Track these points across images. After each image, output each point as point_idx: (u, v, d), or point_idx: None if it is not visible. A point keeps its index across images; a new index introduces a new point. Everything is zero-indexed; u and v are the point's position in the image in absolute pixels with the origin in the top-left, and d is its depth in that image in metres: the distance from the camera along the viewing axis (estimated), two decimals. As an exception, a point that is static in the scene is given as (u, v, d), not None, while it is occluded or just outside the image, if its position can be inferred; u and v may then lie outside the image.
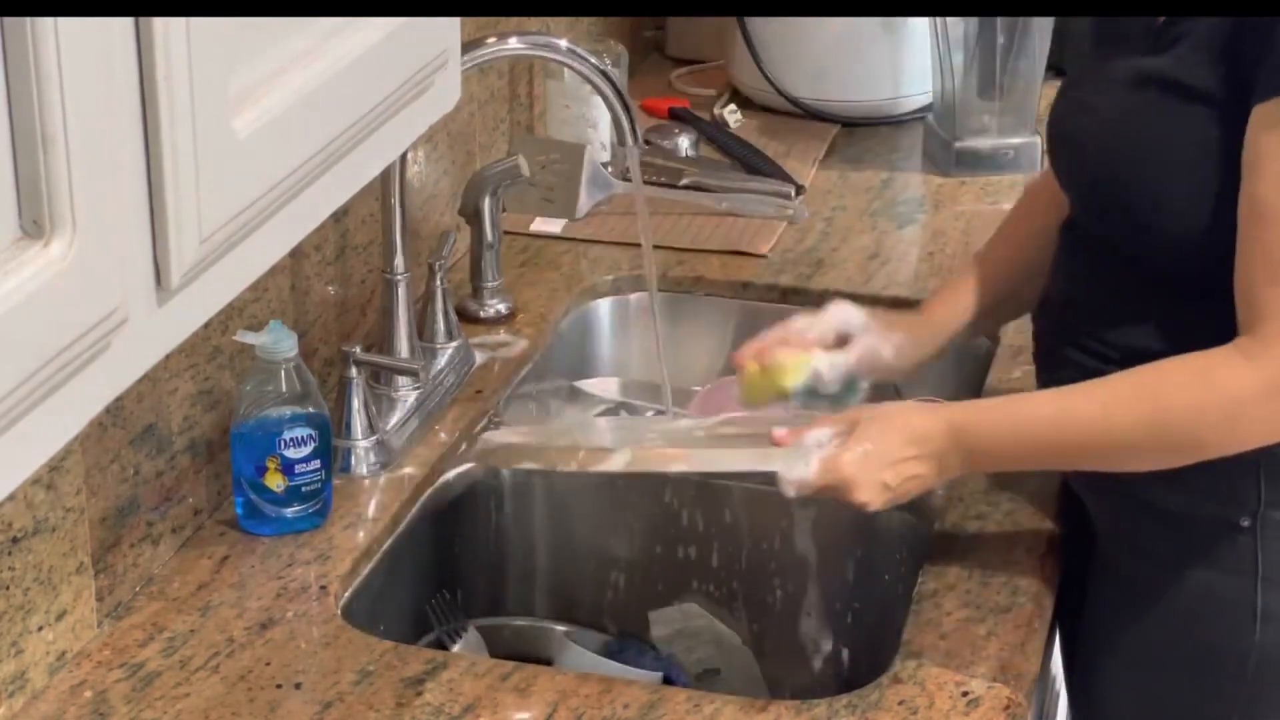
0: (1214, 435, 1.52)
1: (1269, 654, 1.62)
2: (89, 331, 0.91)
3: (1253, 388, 1.49)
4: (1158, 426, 1.53)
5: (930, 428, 1.57)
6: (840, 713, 1.51)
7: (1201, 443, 1.53)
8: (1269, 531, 1.59)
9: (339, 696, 1.52)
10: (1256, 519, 1.59)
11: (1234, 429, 1.52)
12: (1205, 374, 1.51)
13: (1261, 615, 1.61)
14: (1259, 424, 1.51)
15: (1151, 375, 1.54)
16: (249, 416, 1.71)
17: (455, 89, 1.30)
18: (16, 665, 1.48)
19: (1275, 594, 1.60)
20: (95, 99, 0.88)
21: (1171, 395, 1.52)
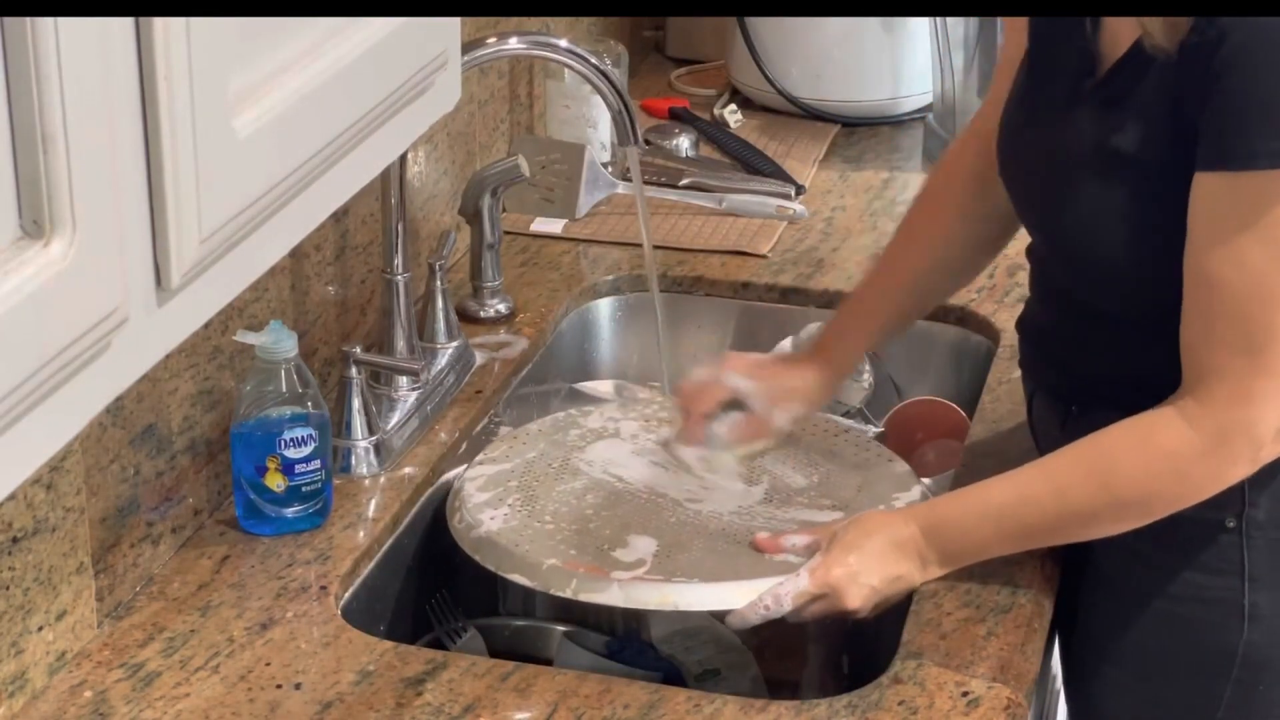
0: (1162, 498, 1.58)
1: (1257, 653, 1.63)
2: (89, 331, 0.91)
3: (1192, 449, 1.54)
4: (1108, 498, 1.59)
5: (907, 535, 1.64)
6: (840, 713, 1.51)
7: (1150, 506, 1.59)
8: (1254, 531, 1.61)
9: (339, 696, 1.52)
10: (1241, 519, 1.61)
11: (1179, 489, 1.57)
12: (1147, 441, 1.57)
13: (1249, 615, 1.63)
14: (1203, 481, 1.56)
15: (1097, 448, 1.60)
16: (249, 416, 1.71)
17: (455, 89, 1.30)
18: (16, 665, 1.48)
19: (1262, 593, 1.62)
20: (95, 99, 0.88)
21: (1118, 466, 1.58)
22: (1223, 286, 1.51)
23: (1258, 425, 1.53)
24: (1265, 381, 1.52)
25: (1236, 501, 1.60)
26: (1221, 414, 1.53)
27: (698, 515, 1.78)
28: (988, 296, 2.18)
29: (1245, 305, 1.51)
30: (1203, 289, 1.52)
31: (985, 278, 2.22)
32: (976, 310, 2.16)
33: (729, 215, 2.40)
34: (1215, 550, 1.62)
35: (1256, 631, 1.63)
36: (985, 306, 2.16)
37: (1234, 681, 1.64)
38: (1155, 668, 1.68)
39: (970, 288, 2.20)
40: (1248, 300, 1.50)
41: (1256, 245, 1.48)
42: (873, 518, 1.67)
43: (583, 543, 1.73)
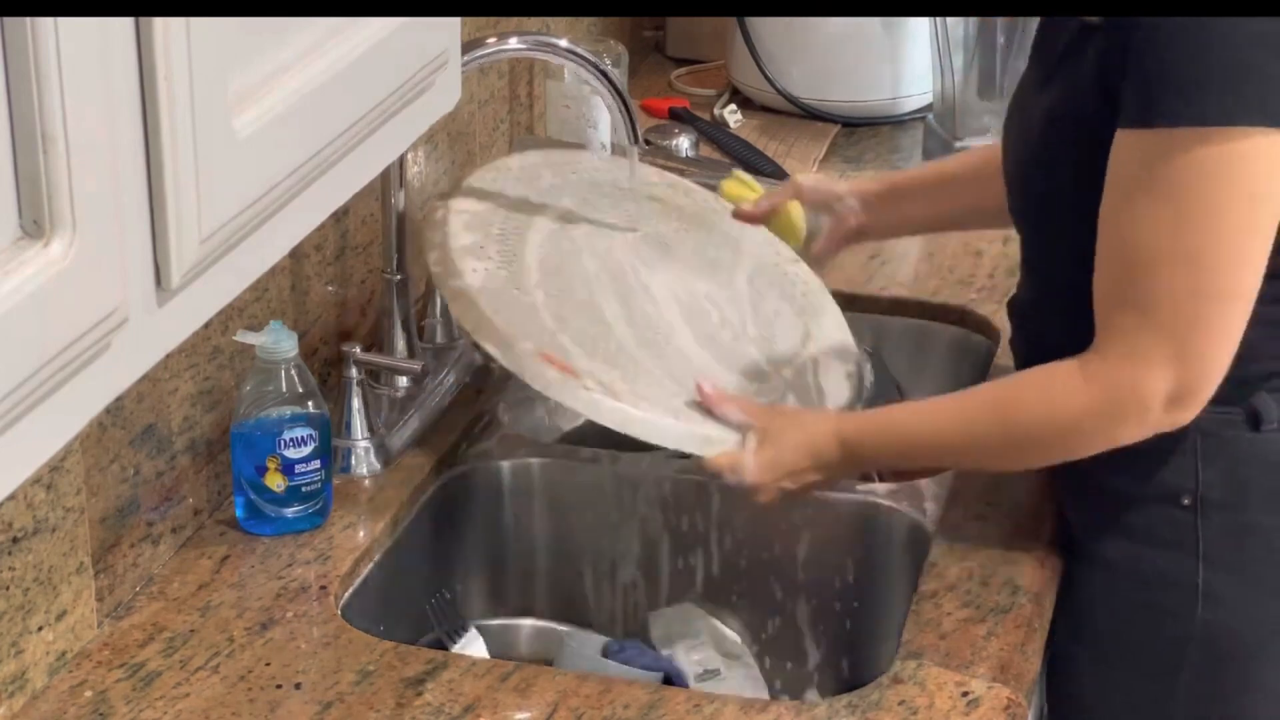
0: (1052, 445, 1.64)
1: (1213, 633, 1.66)
2: (89, 331, 0.91)
3: (1083, 403, 1.59)
4: (1007, 437, 1.65)
5: (823, 442, 1.71)
6: (840, 713, 1.51)
7: (1044, 452, 1.66)
8: (1208, 511, 1.64)
9: (339, 696, 1.52)
10: (1196, 498, 1.64)
11: (1070, 440, 1.62)
12: (1047, 391, 1.62)
13: (1203, 594, 1.65)
14: (1092, 436, 1.61)
15: (1004, 389, 1.69)
16: (249, 416, 1.71)
17: (455, 89, 1.30)
18: (16, 665, 1.48)
19: (1216, 573, 1.64)
20: (95, 99, 0.88)
21: (1018, 409, 1.64)
22: (1121, 243, 1.54)
23: (1143, 386, 1.55)
24: (1153, 342, 1.54)
25: (1191, 480, 1.63)
26: (1113, 372, 1.56)
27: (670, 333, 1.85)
28: (988, 296, 2.18)
29: (1139, 262, 1.53)
30: (1106, 245, 1.55)
31: (985, 277, 2.22)
32: (976, 310, 2.16)
33: (729, 215, 2.40)
34: (1172, 529, 1.65)
35: (1212, 611, 1.65)
36: (985, 306, 2.16)
37: (1192, 661, 1.67)
38: (1118, 647, 1.71)
39: (970, 287, 2.20)
40: (1142, 258, 1.53)
41: (1154, 202, 1.51)
42: (799, 424, 1.74)
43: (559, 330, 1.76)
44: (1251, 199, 1.50)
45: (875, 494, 1.87)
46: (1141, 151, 1.51)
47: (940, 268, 2.25)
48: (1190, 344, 1.54)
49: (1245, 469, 1.63)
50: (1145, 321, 1.54)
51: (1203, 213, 1.50)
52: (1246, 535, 1.64)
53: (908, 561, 1.80)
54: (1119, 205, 1.54)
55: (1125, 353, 1.55)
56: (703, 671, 1.89)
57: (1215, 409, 1.59)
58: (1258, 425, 1.62)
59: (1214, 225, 1.51)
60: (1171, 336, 1.54)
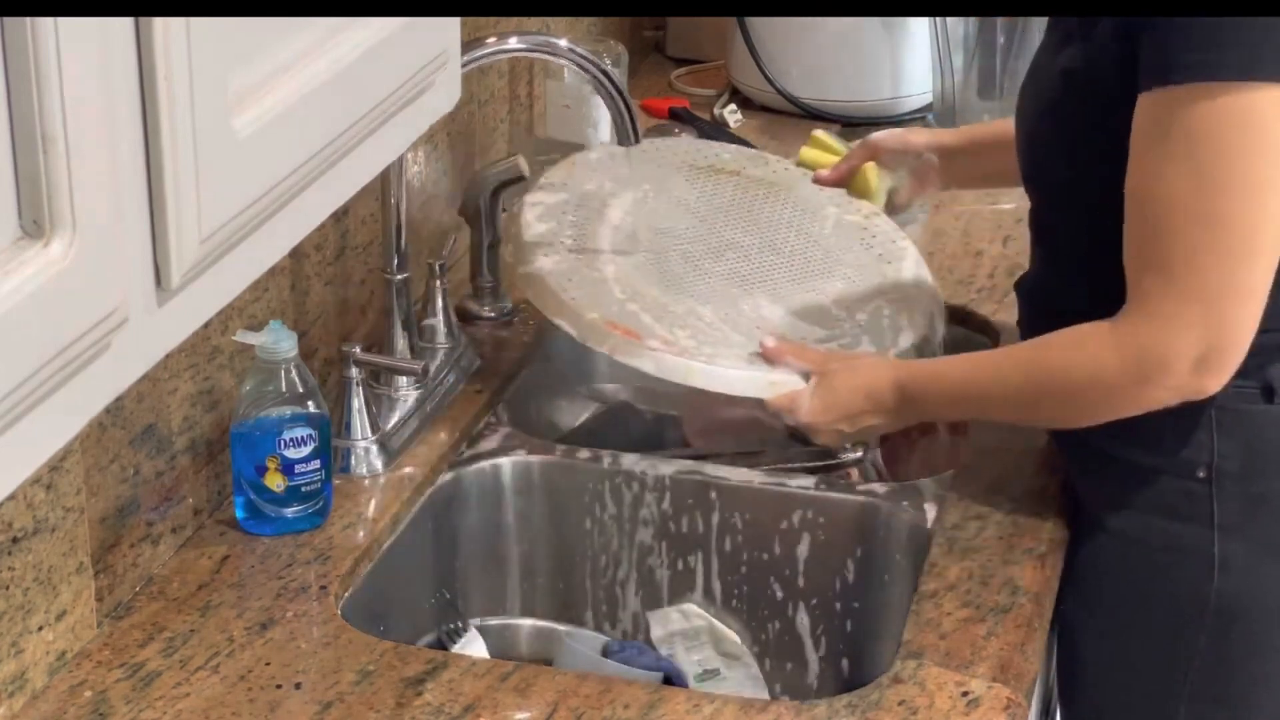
0: (1082, 406, 1.65)
1: (1227, 602, 1.67)
2: (89, 331, 0.91)
3: (1110, 365, 1.60)
4: (1038, 393, 1.67)
5: (880, 387, 1.76)
6: (840, 713, 1.51)
7: (1073, 410, 1.67)
8: (1224, 482, 1.65)
9: (339, 696, 1.52)
10: (1211, 470, 1.65)
11: (1098, 402, 1.64)
12: (1077, 350, 1.63)
13: (1219, 564, 1.66)
14: (1120, 400, 1.62)
15: (1038, 347, 1.69)
16: (249, 416, 1.71)
17: (455, 89, 1.30)
18: (16, 665, 1.48)
19: (1232, 543, 1.66)
20: (95, 99, 0.88)
21: (1048, 366, 1.66)
22: (1145, 204, 1.54)
23: (1169, 349, 1.55)
24: (1178, 303, 1.54)
25: (1207, 453, 1.64)
26: (1140, 333, 1.57)
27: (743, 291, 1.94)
28: (988, 297, 2.18)
29: (1161, 223, 1.53)
30: (1133, 208, 1.56)
31: (985, 277, 2.22)
32: (976, 310, 2.16)
33: (729, 215, 2.40)
34: (1187, 500, 1.66)
35: (1227, 581, 1.66)
36: (985, 306, 2.16)
37: (1207, 630, 1.68)
38: (1131, 615, 1.72)
39: (970, 287, 2.20)
40: (1164, 218, 1.53)
41: (1173, 160, 1.51)
42: (860, 369, 1.79)
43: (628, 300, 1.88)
44: (1271, 153, 1.50)
45: (875, 494, 1.87)
46: (1161, 110, 1.51)
47: (940, 268, 2.25)
48: (1216, 305, 1.54)
49: (1260, 441, 1.65)
50: (1170, 283, 1.54)
51: (1222, 169, 1.50)
52: (1261, 505, 1.66)
53: (908, 561, 1.80)
54: (1142, 166, 1.54)
55: (1151, 314, 1.56)
56: (702, 671, 1.89)
57: (1230, 382, 1.60)
58: (1272, 398, 1.63)
59: (1234, 181, 1.50)
60: (1198, 298, 1.53)
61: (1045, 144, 1.69)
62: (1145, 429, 1.65)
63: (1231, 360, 1.56)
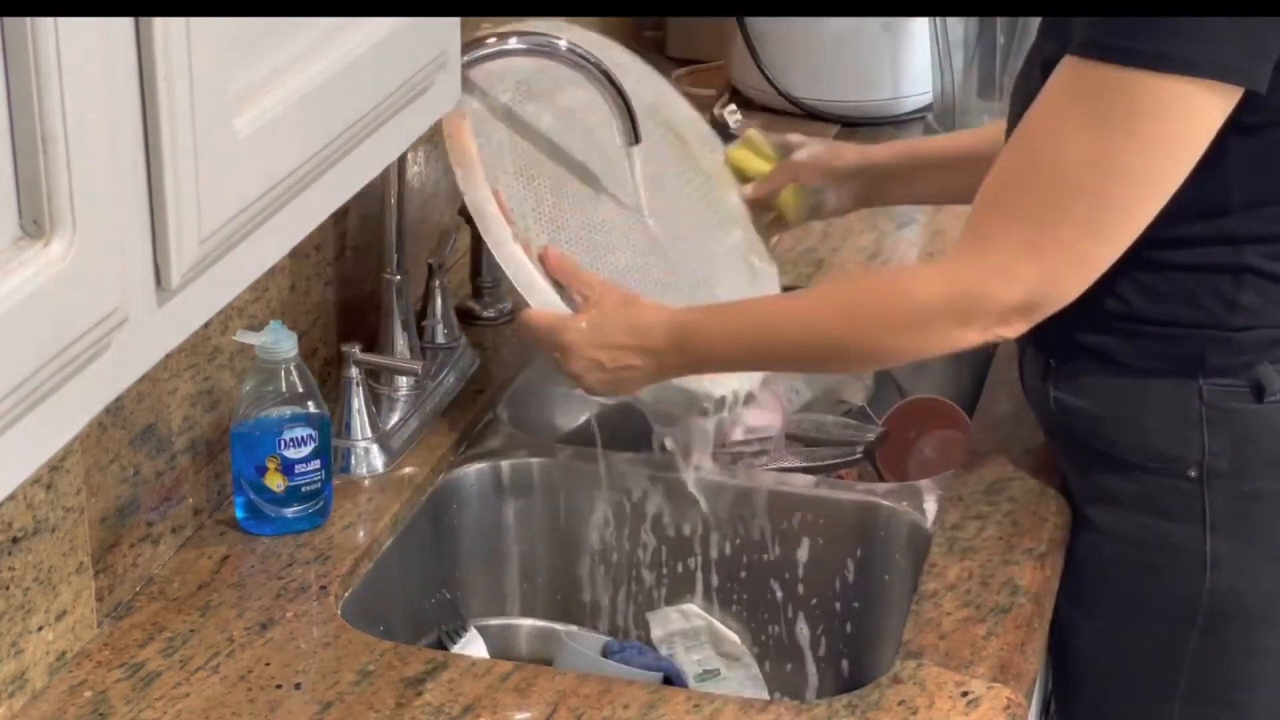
0: (893, 343, 1.62)
1: (1219, 600, 1.67)
2: (89, 331, 0.91)
3: (933, 299, 1.58)
4: (850, 328, 1.63)
5: (653, 324, 1.68)
6: (840, 713, 1.51)
7: (883, 348, 1.64)
8: (1215, 481, 1.65)
9: (339, 696, 1.52)
10: (1202, 469, 1.65)
11: (910, 338, 1.61)
12: (896, 284, 1.65)
13: (1211, 562, 1.66)
14: (933, 336, 1.60)
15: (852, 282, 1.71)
16: (249, 416, 1.71)
17: (455, 89, 1.30)
18: (16, 665, 1.48)
19: (1223, 542, 1.66)
20: (95, 99, 0.88)
21: (863, 300, 1.64)
22: (1031, 156, 1.55)
23: (1000, 296, 1.56)
24: (1022, 258, 1.55)
25: (1197, 451, 1.64)
26: (971, 276, 1.57)
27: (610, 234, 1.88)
28: (988, 296, 2.18)
29: (1041, 180, 1.54)
30: (1013, 153, 1.57)
31: (985, 278, 2.22)
32: (976, 310, 2.16)
33: (729, 215, 2.40)
34: (1177, 500, 1.67)
35: (1219, 579, 1.67)
36: (985, 306, 2.16)
37: (1199, 629, 1.68)
38: (1123, 614, 1.72)
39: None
40: (1045, 176, 1.54)
41: (1076, 129, 1.52)
42: (632, 302, 1.72)
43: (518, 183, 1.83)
44: (1174, 151, 1.52)
45: (875, 494, 1.87)
46: (1081, 78, 1.52)
47: (940, 268, 2.25)
48: (1057, 271, 1.55)
49: (1250, 439, 1.65)
50: (1021, 235, 1.55)
51: (1121, 152, 1.52)
52: (1253, 503, 1.66)
53: (908, 561, 1.80)
54: (1043, 121, 1.55)
55: (988, 258, 1.56)
56: (702, 671, 1.89)
57: (1220, 381, 1.62)
58: (1261, 397, 1.64)
59: (1126, 166, 1.52)
60: (1042, 259, 1.55)
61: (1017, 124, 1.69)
62: (1135, 428, 1.66)
63: (1039, 317, 1.58)
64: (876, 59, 2.70)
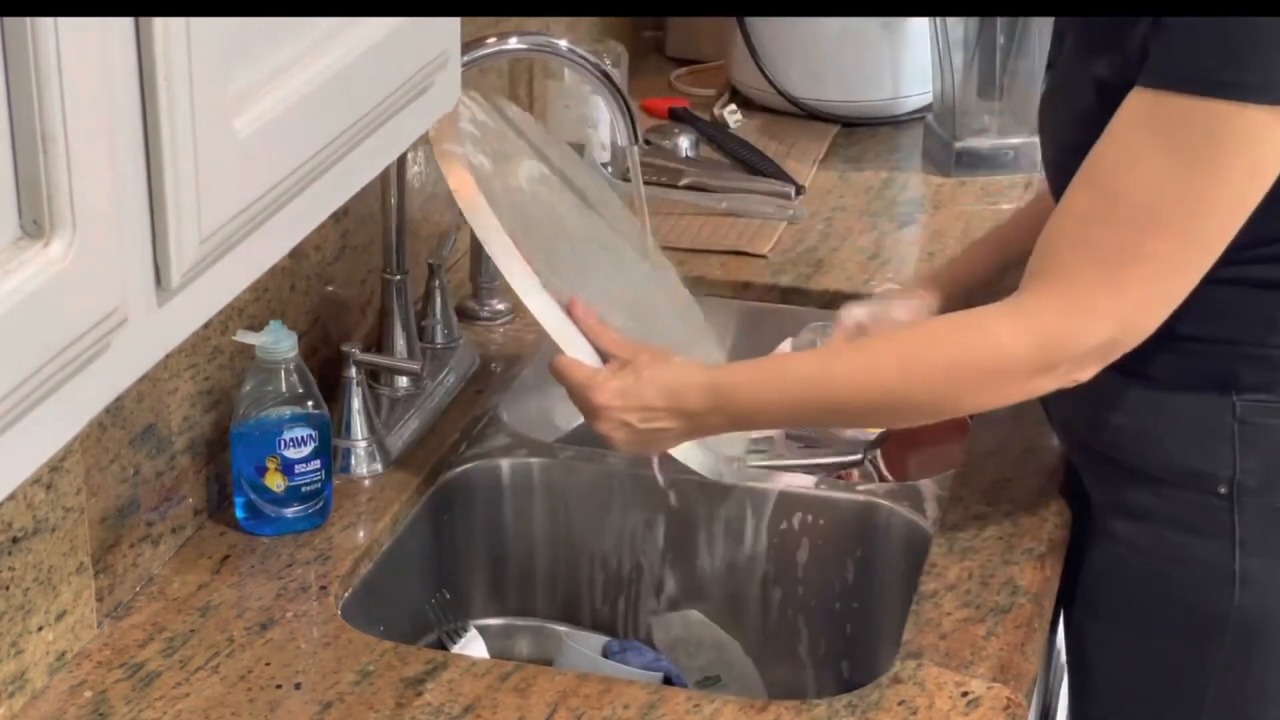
0: (965, 394, 1.56)
1: (1247, 617, 1.65)
2: (89, 331, 0.91)
3: (1016, 354, 1.53)
4: (916, 384, 1.56)
5: (688, 384, 1.62)
6: (840, 713, 1.51)
7: (953, 399, 1.57)
8: (1245, 498, 1.63)
9: (339, 696, 1.52)
10: (1233, 485, 1.62)
11: (986, 388, 1.56)
12: (968, 332, 1.56)
13: (1240, 579, 1.64)
14: (1013, 385, 1.55)
15: (915, 330, 1.64)
16: (249, 416, 1.71)
17: (455, 89, 1.30)
18: (16, 665, 1.48)
19: (1253, 559, 1.64)
20: (95, 99, 0.88)
21: (932, 349, 1.57)
22: (1110, 195, 1.51)
23: (1084, 339, 1.51)
24: (1105, 299, 1.51)
25: (1229, 468, 1.62)
26: (1056, 319, 1.52)
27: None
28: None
29: (1123, 217, 1.50)
30: (1090, 192, 1.52)
31: (985, 278, 2.22)
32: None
33: (729, 215, 2.40)
34: (1206, 516, 1.64)
35: (1248, 596, 1.64)
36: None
37: (1226, 646, 1.66)
38: (1148, 630, 1.70)
39: (970, 288, 2.20)
40: (1128, 212, 1.50)
41: (1158, 161, 1.48)
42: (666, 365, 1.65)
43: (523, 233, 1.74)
44: (1253, 180, 1.49)
45: (875, 494, 1.87)
46: (1158, 110, 1.48)
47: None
48: (1139, 310, 1.52)
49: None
50: (1103, 274, 1.50)
51: (1204, 184, 1.48)
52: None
53: (908, 561, 1.80)
54: (1119, 158, 1.50)
55: (1072, 303, 1.51)
56: (703, 679, 1.89)
57: (1253, 397, 1.60)
58: None
59: (1209, 197, 1.49)
60: (1126, 298, 1.51)
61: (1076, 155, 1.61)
62: (1165, 443, 1.63)
63: (1118, 355, 1.54)
64: (876, 59, 2.70)
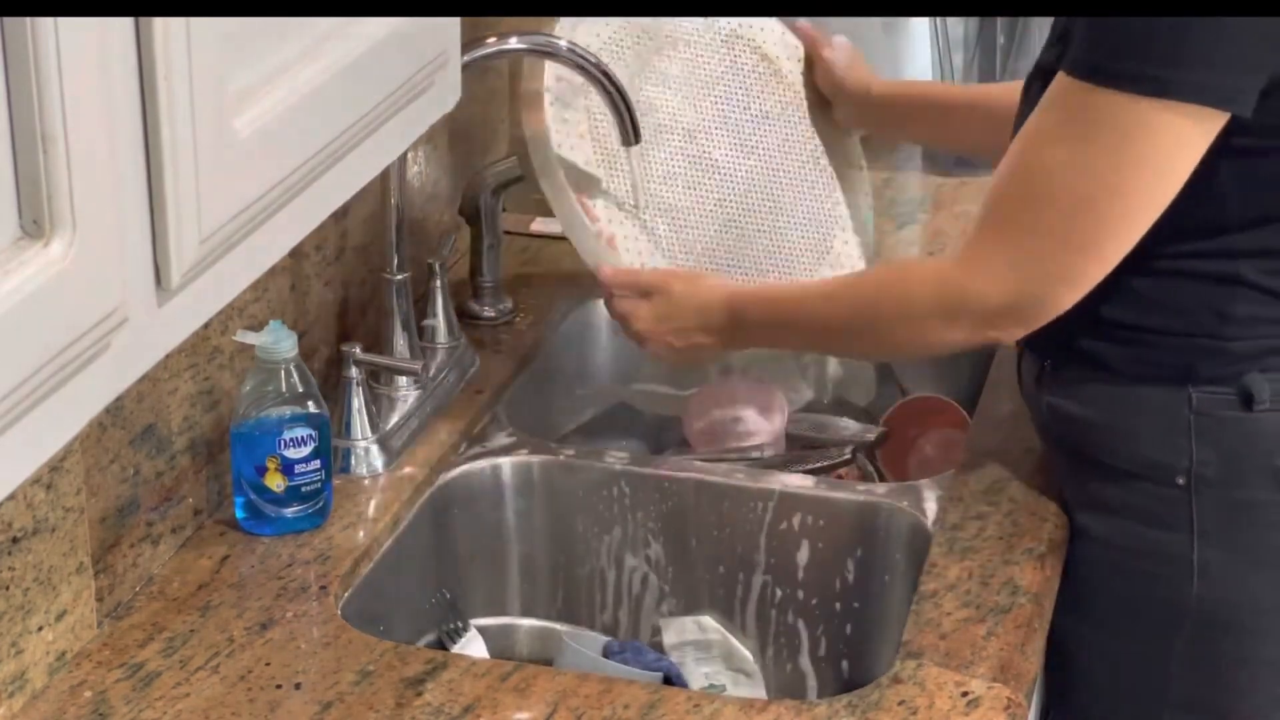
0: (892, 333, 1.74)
1: (1207, 608, 1.68)
2: (89, 331, 0.91)
3: (925, 303, 1.68)
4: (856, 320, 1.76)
5: (713, 302, 1.85)
6: (840, 713, 1.51)
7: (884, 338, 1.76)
8: (1203, 489, 1.66)
9: (339, 696, 1.52)
10: (1190, 476, 1.65)
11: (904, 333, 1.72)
12: (896, 277, 1.79)
13: (1199, 571, 1.67)
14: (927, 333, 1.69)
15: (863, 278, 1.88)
16: (249, 416, 1.71)
17: (455, 89, 1.30)
18: (16, 665, 1.48)
19: (1211, 550, 1.66)
20: (95, 99, 0.88)
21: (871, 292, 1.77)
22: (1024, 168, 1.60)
23: (983, 299, 1.63)
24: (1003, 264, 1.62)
25: (1185, 459, 1.65)
26: (958, 275, 1.65)
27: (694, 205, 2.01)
28: (988, 296, 2.18)
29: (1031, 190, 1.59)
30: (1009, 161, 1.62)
31: (985, 278, 2.22)
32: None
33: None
34: (1166, 507, 1.67)
35: (1207, 587, 1.67)
36: (985, 306, 2.16)
37: (1186, 637, 1.69)
38: (1113, 622, 1.73)
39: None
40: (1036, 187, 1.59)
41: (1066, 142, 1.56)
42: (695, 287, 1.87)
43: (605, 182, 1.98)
44: (1157, 171, 1.54)
45: (875, 494, 1.87)
46: (1074, 96, 1.55)
47: (940, 268, 2.25)
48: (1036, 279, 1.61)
49: (1239, 447, 1.65)
50: (1005, 241, 1.62)
51: (1109, 170, 1.54)
52: (1240, 512, 1.67)
53: (908, 561, 1.80)
54: (1035, 135, 1.59)
55: (975, 258, 1.64)
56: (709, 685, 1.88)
57: (1209, 389, 1.63)
58: (1250, 405, 1.64)
59: (1113, 184, 1.55)
60: (1021, 265, 1.61)
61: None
62: (1124, 435, 1.67)
63: (1028, 323, 1.64)
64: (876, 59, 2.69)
